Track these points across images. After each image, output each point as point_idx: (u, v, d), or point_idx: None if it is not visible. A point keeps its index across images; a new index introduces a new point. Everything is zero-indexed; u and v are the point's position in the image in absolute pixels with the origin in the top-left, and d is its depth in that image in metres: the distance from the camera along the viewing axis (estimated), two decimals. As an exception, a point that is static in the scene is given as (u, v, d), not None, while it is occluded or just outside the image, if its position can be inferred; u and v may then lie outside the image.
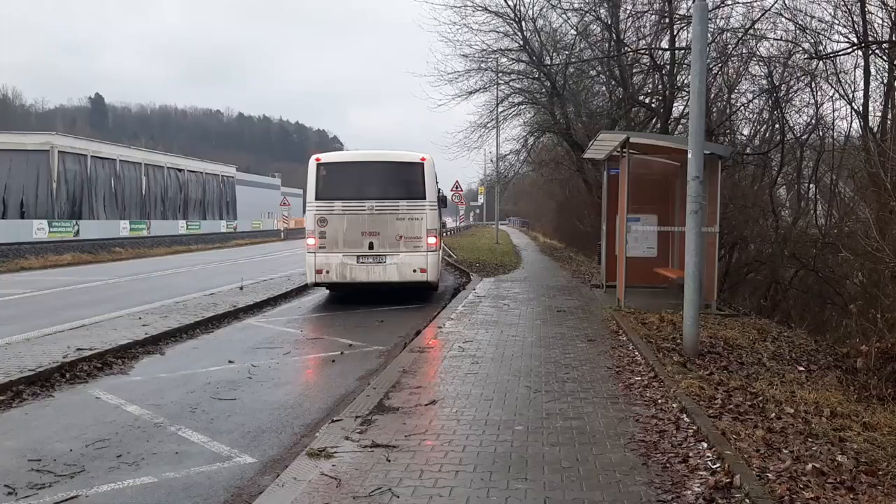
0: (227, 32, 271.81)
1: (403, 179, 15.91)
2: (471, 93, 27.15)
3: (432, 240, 15.70)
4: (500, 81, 27.86)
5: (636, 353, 9.32)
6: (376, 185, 15.87)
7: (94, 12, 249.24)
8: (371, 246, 15.52)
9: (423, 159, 15.93)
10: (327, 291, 17.97)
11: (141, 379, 8.85)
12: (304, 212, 16.40)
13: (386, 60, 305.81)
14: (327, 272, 15.58)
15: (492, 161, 41.42)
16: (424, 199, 15.71)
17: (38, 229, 43.80)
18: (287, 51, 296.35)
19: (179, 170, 71.12)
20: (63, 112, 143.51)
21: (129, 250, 37.70)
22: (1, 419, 7.10)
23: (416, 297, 16.82)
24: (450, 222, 64.99)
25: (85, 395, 8.09)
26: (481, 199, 72.06)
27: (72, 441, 6.34)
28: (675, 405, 6.72)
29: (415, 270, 15.58)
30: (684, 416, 6.37)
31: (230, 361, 9.73)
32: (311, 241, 15.68)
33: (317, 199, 15.65)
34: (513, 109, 30.20)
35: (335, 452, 5.52)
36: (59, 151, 51.92)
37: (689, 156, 9.16)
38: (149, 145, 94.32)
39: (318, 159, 16.00)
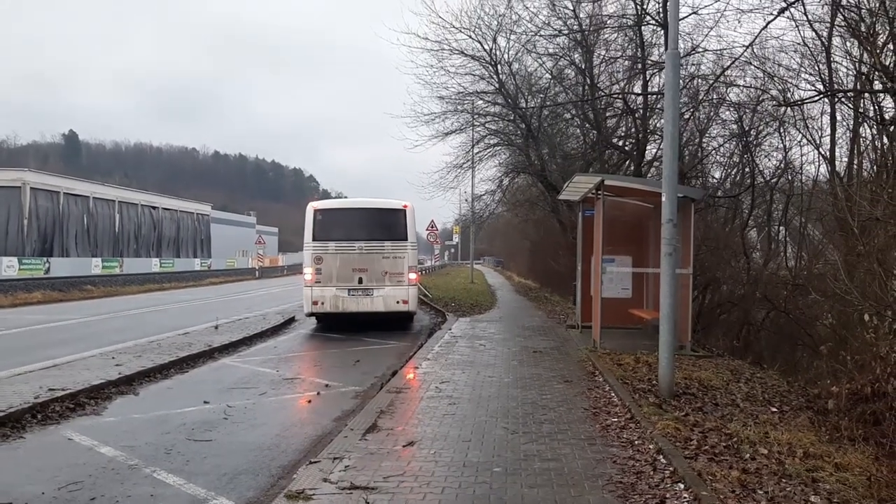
0: (204, 71, 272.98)
1: (388, 223, 18.09)
2: (447, 134, 27.50)
3: (412, 275, 18.04)
4: (475, 123, 28.24)
5: (612, 395, 9.37)
6: (365, 229, 17.98)
7: (67, 47, 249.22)
8: (360, 280, 17.67)
9: (405, 206, 18.17)
10: (303, 331, 18.40)
11: (114, 420, 8.74)
12: (302, 250, 18.57)
13: (362, 101, 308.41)
14: (322, 303, 17.65)
15: (467, 201, 41.74)
16: (406, 240, 18.01)
17: (8, 266, 43.19)
18: (264, 90, 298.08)
19: (154, 207, 70.67)
20: (36, 148, 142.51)
21: (101, 288, 37.25)
22: (-30, 461, 6.98)
23: (393, 336, 17.07)
24: (425, 262, 65.05)
25: (57, 436, 7.97)
26: (456, 239, 72.16)
27: (44, 483, 6.24)
28: (651, 446, 6.77)
29: (398, 301, 17.78)
30: (661, 457, 6.42)
31: (205, 402, 9.64)
32: (308, 276, 17.75)
33: (313, 240, 17.82)
34: (488, 150, 30.63)
35: (314, 494, 5.50)
36: (31, 188, 51.44)
37: (664, 199, 9.33)
38: (123, 182, 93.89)
39: (314, 206, 18.26)
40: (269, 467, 6.81)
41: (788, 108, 16.27)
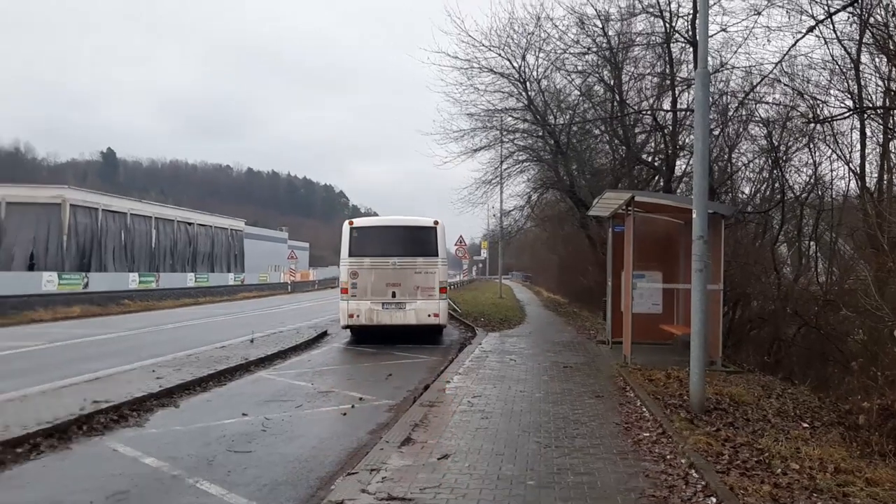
0: (238, 90, 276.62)
1: (420, 240, 18.73)
2: (476, 150, 27.70)
3: (443, 290, 18.63)
4: (504, 139, 28.41)
5: (644, 410, 9.46)
6: (398, 245, 18.68)
7: (103, 68, 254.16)
8: (394, 294, 18.32)
9: (436, 223, 18.88)
10: (336, 345, 18.75)
11: (157, 431, 9.00)
12: (338, 266, 19.30)
13: (391, 118, 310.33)
14: (357, 316, 18.34)
15: (495, 216, 41.87)
16: (437, 256, 18.66)
17: (48, 281, 44.06)
18: (296, 108, 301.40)
19: (189, 223, 71.79)
20: (75, 166, 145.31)
21: (139, 303, 37.92)
22: (19, 471, 7.22)
23: (424, 350, 17.30)
24: (454, 276, 65.19)
25: (102, 447, 8.22)
26: (484, 254, 72.30)
27: (91, 493, 6.46)
28: (683, 461, 6.86)
29: (429, 315, 18.39)
30: (693, 471, 6.52)
31: (244, 414, 9.88)
32: (344, 290, 18.46)
33: (349, 255, 18.49)
34: (517, 166, 30.70)
35: (352, 505, 5.68)
36: (70, 205, 52.57)
37: (694, 215, 9.42)
38: (159, 199, 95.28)
39: (350, 223, 19.06)
40: (308, 478, 7.00)
41: (818, 125, 16.24)
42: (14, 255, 50.67)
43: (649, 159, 23.31)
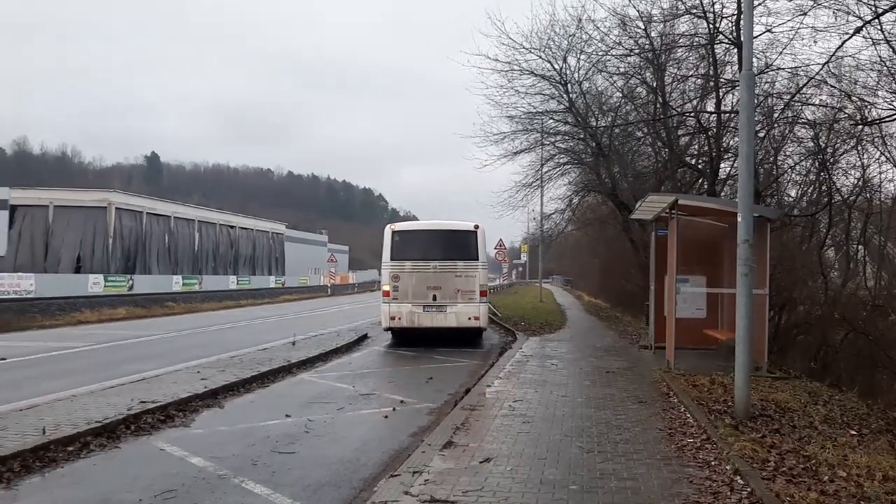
0: (278, 95, 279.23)
1: (460, 244, 18.89)
2: (516, 153, 27.70)
3: (483, 293, 18.76)
4: (545, 142, 28.35)
5: (688, 415, 9.35)
6: (439, 249, 18.87)
7: (147, 74, 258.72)
8: (434, 298, 18.50)
9: (476, 227, 18.95)
10: (376, 348, 18.86)
11: (202, 432, 9.14)
12: (379, 271, 19.95)
13: (430, 122, 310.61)
14: (399, 318, 18.58)
15: (535, 220, 41.73)
16: (477, 259, 18.82)
17: (94, 283, 45.04)
18: (335, 112, 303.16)
19: (231, 226, 72.84)
20: (120, 170, 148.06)
21: (182, 305, 38.57)
22: (70, 469, 7.38)
23: (464, 354, 17.33)
24: (494, 280, 65.09)
25: (150, 446, 8.37)
26: (524, 258, 72.02)
27: (140, 492, 6.58)
28: (728, 467, 6.77)
29: (469, 318, 18.53)
30: (738, 478, 6.43)
31: (287, 416, 9.98)
32: (385, 293, 18.74)
33: (391, 259, 18.77)
34: (558, 169, 30.64)
35: (396, 507, 5.71)
36: (116, 208, 53.70)
37: (739, 219, 9.30)
38: (201, 202, 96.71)
39: (392, 228, 19.33)
40: (351, 480, 7.05)
41: (866, 126, 15.91)
42: (61, 258, 51.89)
43: (693, 162, 23.04)
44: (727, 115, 19.49)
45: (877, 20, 13.21)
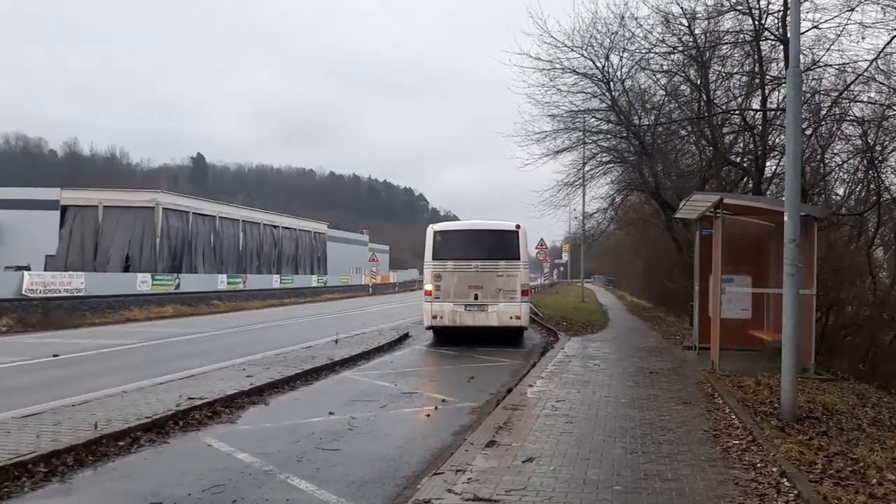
0: (319, 96, 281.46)
1: (502, 244, 18.92)
2: (558, 152, 27.53)
3: (524, 293, 18.75)
4: (587, 141, 28.15)
5: (733, 417, 9.24)
6: (480, 249, 18.93)
7: (194, 77, 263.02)
8: (476, 297, 18.56)
9: (518, 227, 19.02)
10: (417, 347, 18.96)
11: (248, 428, 9.30)
12: (421, 271, 20.08)
13: (470, 121, 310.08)
14: (441, 317, 18.73)
15: (576, 219, 41.48)
16: (518, 259, 18.83)
17: (142, 282, 45.92)
18: (376, 112, 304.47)
19: (274, 226, 73.75)
20: (167, 170, 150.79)
21: (227, 303, 39.17)
22: (122, 463, 7.56)
23: (505, 354, 17.32)
24: (535, 280, 64.87)
25: (198, 442, 8.54)
26: (565, 257, 71.80)
27: (189, 486, 6.72)
28: (775, 469, 6.70)
29: (511, 317, 18.53)
30: (785, 480, 6.35)
31: (331, 413, 10.11)
32: (427, 292, 18.88)
33: (433, 259, 18.98)
34: (600, 168, 30.39)
35: (439, 504, 5.76)
36: (163, 208, 54.74)
37: (786, 218, 9.17)
38: (246, 202, 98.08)
39: (434, 228, 19.46)
40: (394, 477, 7.12)
41: (917, 123, 15.53)
42: (110, 257, 53.06)
43: (738, 160, 22.69)
44: (773, 112, 19.17)
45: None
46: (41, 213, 54.47)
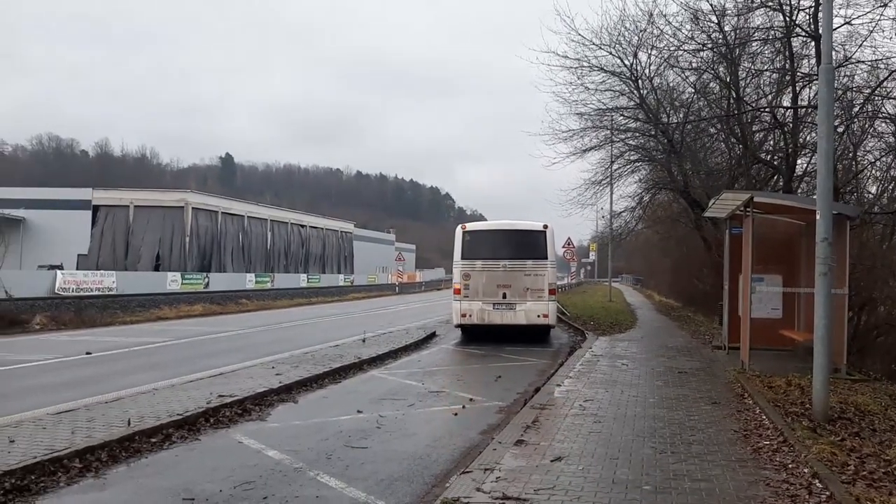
0: (345, 96, 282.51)
1: (529, 243, 19.25)
2: (585, 151, 27.40)
3: (552, 291, 19.09)
4: (615, 139, 27.99)
5: (763, 417, 9.16)
6: (508, 248, 19.26)
7: (223, 78, 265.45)
8: (504, 296, 18.85)
9: (545, 227, 19.36)
10: (444, 346, 19.02)
11: (278, 425, 9.38)
12: (451, 269, 20.25)
13: (495, 120, 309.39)
14: (470, 315, 19.03)
15: (604, 218, 41.23)
16: (546, 259, 19.15)
17: (172, 281, 46.46)
18: (402, 112, 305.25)
19: (302, 225, 74.21)
20: (195, 170, 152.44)
21: (255, 302, 39.48)
22: (154, 460, 7.67)
23: (533, 353, 17.30)
24: (562, 279, 64.60)
25: (228, 439, 8.63)
26: (592, 256, 71.34)
27: (220, 482, 6.80)
28: (806, 470, 6.63)
29: (538, 315, 18.85)
30: (816, 481, 6.29)
31: (359, 411, 10.16)
32: (456, 291, 19.22)
33: (462, 258, 19.29)
34: (628, 167, 30.23)
35: (468, 503, 5.77)
36: (192, 208, 55.31)
37: (818, 217, 9.07)
38: (273, 202, 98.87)
39: (463, 228, 19.91)
40: (423, 475, 7.15)
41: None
42: (141, 256, 53.72)
43: (768, 158, 22.45)
44: (804, 109, 18.94)
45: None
46: (74, 213, 55.33)
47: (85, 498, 6.41)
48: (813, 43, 17.46)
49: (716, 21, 19.44)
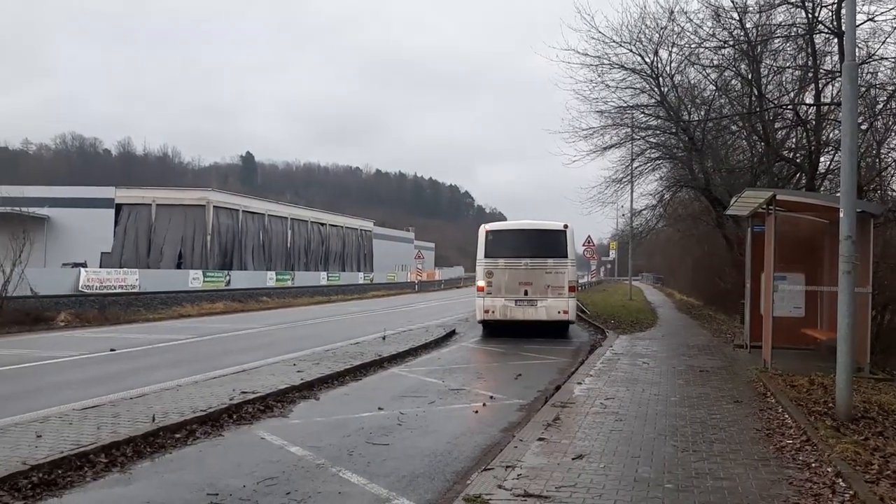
0: (366, 96, 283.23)
1: (550, 243, 20.01)
2: (606, 148, 27.25)
3: (571, 289, 19.82)
4: (635, 137, 27.85)
5: (786, 416, 9.11)
6: (530, 247, 20.07)
7: (243, 78, 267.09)
8: (526, 293, 19.63)
9: (565, 227, 20.09)
10: (464, 344, 19.10)
11: (300, 422, 9.45)
12: (474, 267, 21.04)
13: (514, 119, 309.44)
14: (493, 312, 19.82)
15: (624, 216, 41.08)
16: (566, 257, 19.91)
17: (194, 279, 46.85)
18: (420, 111, 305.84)
19: (322, 224, 74.53)
20: (216, 169, 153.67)
21: (276, 300, 39.74)
22: (179, 455, 7.75)
23: (553, 352, 17.29)
24: (582, 277, 64.37)
25: (251, 435, 8.70)
26: (613, 255, 71.17)
27: (244, 478, 6.86)
28: (830, 469, 6.60)
29: (559, 311, 19.62)
30: (840, 480, 6.26)
31: (380, 408, 10.21)
32: (480, 288, 20.00)
33: (485, 257, 20.07)
34: (649, 164, 30.08)
35: (490, 500, 5.79)
36: (213, 206, 55.73)
37: (841, 215, 9.00)
38: (293, 200, 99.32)
39: (486, 228, 20.68)
40: (444, 472, 7.18)
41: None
42: (163, 254, 54.21)
43: (790, 156, 22.27)
44: (827, 107, 18.78)
45: None
46: (97, 212, 56.04)
47: (111, 492, 6.49)
48: (836, 40, 17.31)
49: (737, 18, 19.34)
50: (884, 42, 16.89)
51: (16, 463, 6.74)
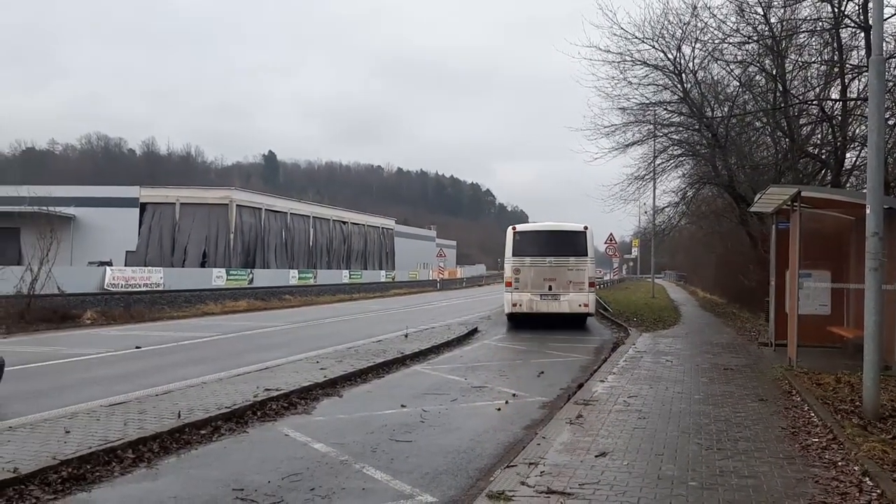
0: (388, 95, 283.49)
1: (572, 242, 21.91)
2: (628, 145, 27.15)
3: (591, 284, 21.83)
4: (658, 134, 27.72)
5: (812, 414, 9.04)
6: (553, 247, 21.93)
7: (266, 78, 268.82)
8: (550, 288, 21.48)
9: (585, 228, 22.04)
10: (486, 341, 19.13)
11: (323, 419, 9.51)
12: (503, 265, 23.01)
13: (536, 117, 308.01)
14: (520, 305, 21.64)
15: (646, 213, 40.82)
16: (586, 256, 21.76)
17: (217, 277, 47.21)
18: (442, 109, 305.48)
19: (343, 222, 74.78)
20: (239, 168, 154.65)
21: (298, 298, 39.92)
22: (204, 451, 7.84)
23: (576, 350, 17.30)
24: (604, 275, 64.00)
25: (275, 432, 8.78)
26: (635, 252, 70.75)
27: (268, 474, 6.93)
28: (856, 468, 6.54)
29: (580, 305, 21.45)
30: (867, 479, 6.20)
31: (402, 406, 10.25)
32: (508, 284, 21.85)
33: (513, 256, 21.93)
34: (671, 161, 29.89)
35: (513, 496, 5.80)
36: (236, 205, 56.11)
37: (868, 211, 8.90)
38: (315, 199, 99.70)
39: (514, 229, 22.61)
40: (467, 469, 7.20)
41: None
42: (187, 253, 54.68)
43: (815, 152, 22.03)
44: (853, 102, 18.55)
45: None
46: (122, 211, 56.67)
47: (138, 487, 6.58)
48: (862, 34, 17.09)
49: (762, 13, 19.16)
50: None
51: (46, 458, 6.85)
